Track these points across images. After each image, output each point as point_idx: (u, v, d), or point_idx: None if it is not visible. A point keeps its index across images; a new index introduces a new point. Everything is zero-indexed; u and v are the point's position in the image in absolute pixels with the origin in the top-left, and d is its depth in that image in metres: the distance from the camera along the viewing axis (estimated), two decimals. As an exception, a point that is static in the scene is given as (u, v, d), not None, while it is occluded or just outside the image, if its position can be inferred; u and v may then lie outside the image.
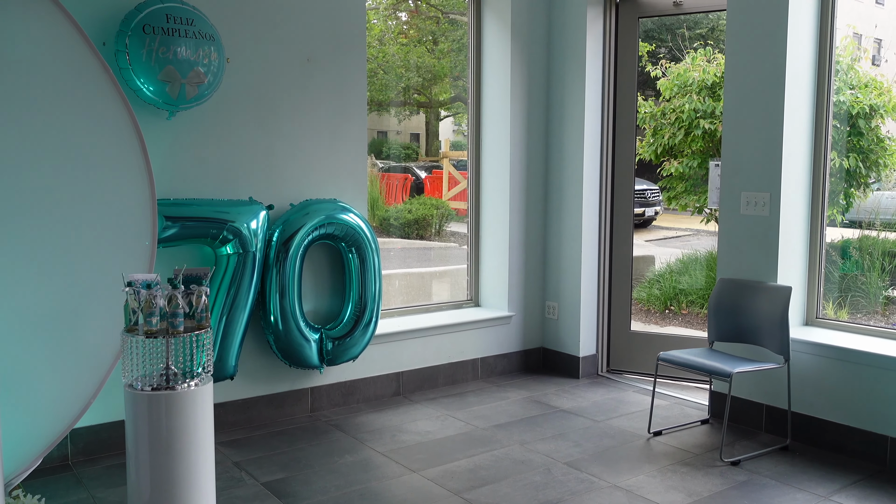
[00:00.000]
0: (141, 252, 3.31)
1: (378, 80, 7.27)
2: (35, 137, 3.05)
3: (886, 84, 5.31)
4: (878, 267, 5.05)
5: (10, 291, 3.00)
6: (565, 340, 5.21)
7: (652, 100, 7.08)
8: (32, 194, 3.05)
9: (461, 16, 6.28)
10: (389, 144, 8.44)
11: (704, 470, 3.56)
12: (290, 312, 3.99)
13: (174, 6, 3.50)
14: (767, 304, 3.89)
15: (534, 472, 3.52)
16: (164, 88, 3.46)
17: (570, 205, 5.10)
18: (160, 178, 3.64)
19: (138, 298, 2.63)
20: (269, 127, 4.08)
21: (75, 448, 3.62)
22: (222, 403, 4.00)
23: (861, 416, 3.70)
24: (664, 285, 6.83)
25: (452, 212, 7.18)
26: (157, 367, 2.66)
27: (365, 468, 3.58)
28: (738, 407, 4.15)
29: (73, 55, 3.10)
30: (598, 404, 4.55)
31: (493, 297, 5.26)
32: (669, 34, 8.39)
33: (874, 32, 6.38)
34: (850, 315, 4.97)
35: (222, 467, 3.53)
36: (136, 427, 2.60)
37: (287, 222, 3.99)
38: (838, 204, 5.22)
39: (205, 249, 3.87)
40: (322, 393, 4.40)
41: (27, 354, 3.05)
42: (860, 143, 5.21)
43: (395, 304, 5.27)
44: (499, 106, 5.12)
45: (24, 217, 3.03)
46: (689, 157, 6.60)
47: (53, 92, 3.08)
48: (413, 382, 4.77)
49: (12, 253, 3.00)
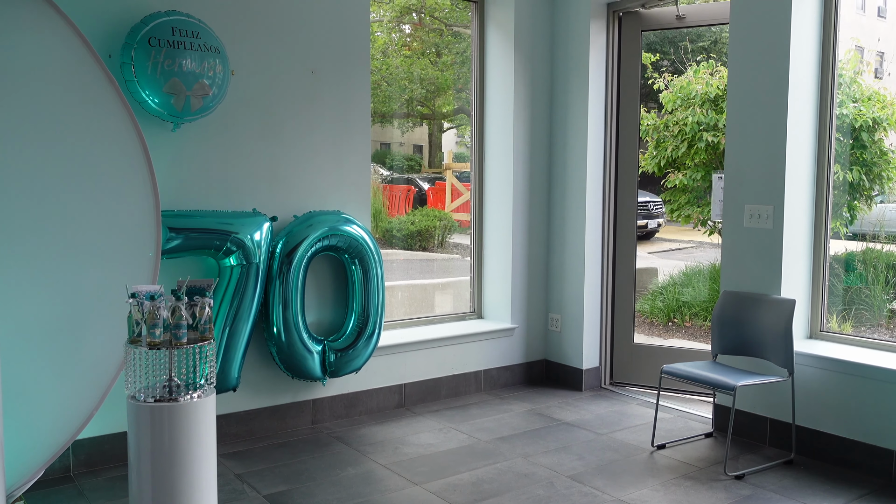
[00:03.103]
0: (145, 263, 3.32)
1: (382, 91, 7.29)
2: (40, 149, 3.06)
3: (889, 97, 5.31)
4: (882, 280, 5.03)
5: (14, 302, 3.00)
6: (568, 353, 5.19)
7: (654, 112, 7.09)
8: (37, 205, 3.06)
9: (465, 28, 6.31)
10: (393, 156, 8.46)
11: (708, 484, 3.54)
12: (293, 324, 3.99)
13: (180, 19, 3.53)
14: (771, 316, 3.88)
15: (537, 486, 3.50)
16: (170, 100, 3.47)
17: (573, 216, 5.10)
18: (164, 189, 3.65)
19: (142, 310, 2.64)
20: (273, 139, 4.09)
21: (77, 459, 3.62)
22: (225, 415, 4.00)
23: (866, 430, 3.68)
24: (667, 297, 6.81)
25: (455, 223, 7.18)
26: (160, 378, 2.66)
27: (367, 481, 3.56)
28: (742, 420, 4.13)
29: (78, 67, 3.12)
30: (602, 417, 4.53)
31: (496, 309, 5.26)
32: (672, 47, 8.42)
33: (877, 46, 6.39)
34: (854, 328, 4.95)
35: (224, 479, 3.52)
36: (138, 439, 2.60)
37: (290, 234, 4.00)
38: (842, 216, 5.21)
39: (208, 261, 3.88)
40: (324, 405, 4.39)
41: (30, 365, 3.05)
42: (863, 156, 5.20)
43: (397, 315, 5.27)
44: (502, 118, 5.13)
45: (28, 228, 3.03)
46: (692, 170, 6.60)
47: (59, 103, 3.10)
48: (416, 394, 4.75)
49: (16, 263, 3.01)
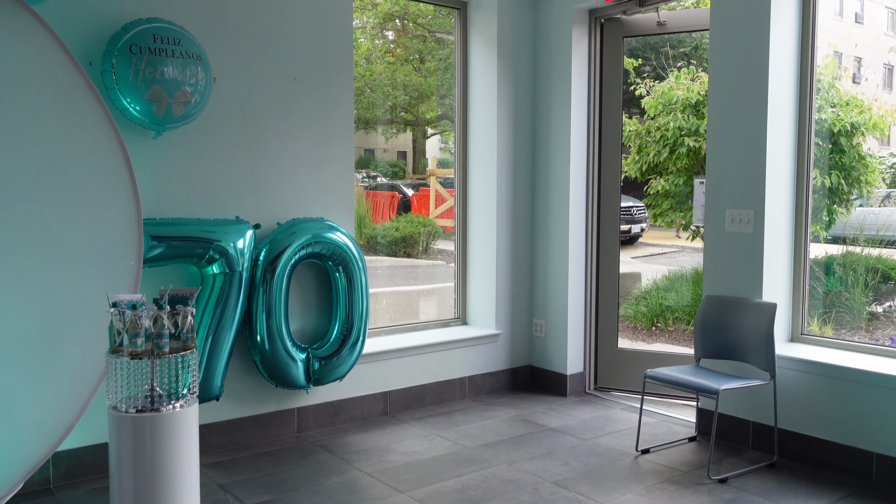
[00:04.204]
0: (126, 272, 3.30)
1: (365, 98, 7.30)
2: (19, 157, 3.03)
3: (867, 102, 5.38)
4: (862, 283, 5.09)
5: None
6: (553, 358, 5.21)
7: (637, 118, 7.15)
8: (16, 214, 3.03)
9: (448, 35, 6.33)
10: (377, 162, 8.46)
11: (692, 488, 3.56)
12: (277, 332, 3.97)
13: (161, 26, 3.51)
14: (753, 320, 3.91)
15: (522, 492, 3.51)
16: (151, 108, 3.45)
17: (557, 222, 5.12)
18: (146, 197, 3.63)
19: (123, 319, 2.62)
20: (256, 146, 4.08)
21: (57, 471, 3.57)
22: (207, 425, 3.97)
23: (847, 433, 3.71)
24: (651, 302, 6.85)
25: (440, 229, 7.19)
26: (142, 388, 2.64)
27: (352, 490, 3.55)
28: (725, 424, 4.16)
29: (59, 75, 3.10)
30: (586, 422, 4.54)
31: (481, 315, 5.26)
32: (654, 52, 8.49)
33: (854, 51, 6.49)
34: (835, 331, 5.01)
35: (207, 490, 3.50)
36: (119, 449, 2.58)
37: (274, 241, 3.98)
38: (821, 220, 5.27)
39: (191, 269, 3.85)
40: (309, 413, 4.37)
41: (9, 375, 3.01)
42: (842, 161, 5.27)
43: (382, 322, 5.26)
44: (485, 124, 5.15)
45: (7, 237, 3.00)
46: (674, 175, 6.66)
47: (39, 111, 3.08)
48: (400, 402, 4.74)
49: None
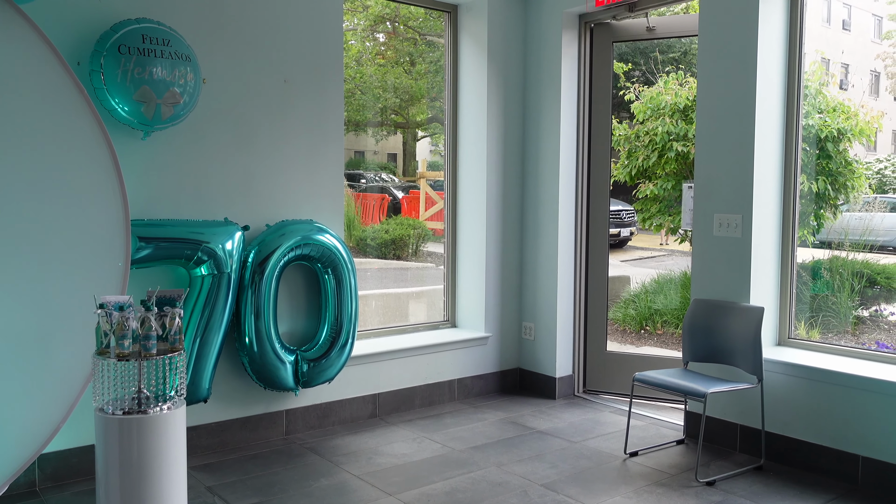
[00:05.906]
0: (114, 273, 3.28)
1: (355, 100, 7.30)
2: (6, 156, 3.01)
3: (853, 108, 5.43)
4: (848, 287, 5.13)
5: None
6: (542, 361, 5.22)
7: (626, 122, 7.18)
8: (2, 214, 3.00)
9: (438, 38, 6.33)
10: (367, 164, 8.46)
11: (680, 490, 3.57)
12: (266, 334, 3.96)
13: (150, 26, 3.50)
14: (740, 324, 3.93)
15: (510, 495, 3.51)
16: (140, 109, 3.44)
17: (547, 225, 5.13)
18: (134, 198, 3.61)
19: (110, 320, 2.60)
20: (245, 148, 4.07)
21: (43, 474, 3.55)
22: (195, 427, 3.95)
23: (833, 436, 3.74)
24: (639, 305, 6.88)
25: (429, 232, 7.19)
26: (129, 390, 2.63)
27: (340, 492, 3.54)
28: (712, 427, 4.18)
29: (46, 74, 3.08)
30: (575, 425, 4.55)
31: (470, 318, 5.26)
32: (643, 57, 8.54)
33: (841, 58, 6.54)
34: (822, 335, 5.04)
35: (195, 492, 3.48)
36: (106, 452, 2.56)
37: (263, 243, 3.97)
38: (809, 225, 5.31)
39: (179, 270, 3.83)
40: (297, 415, 4.35)
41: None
42: (829, 166, 5.31)
43: (371, 324, 5.25)
44: (475, 127, 5.15)
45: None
46: (663, 179, 6.69)
47: (26, 111, 3.06)
48: (389, 404, 4.74)
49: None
